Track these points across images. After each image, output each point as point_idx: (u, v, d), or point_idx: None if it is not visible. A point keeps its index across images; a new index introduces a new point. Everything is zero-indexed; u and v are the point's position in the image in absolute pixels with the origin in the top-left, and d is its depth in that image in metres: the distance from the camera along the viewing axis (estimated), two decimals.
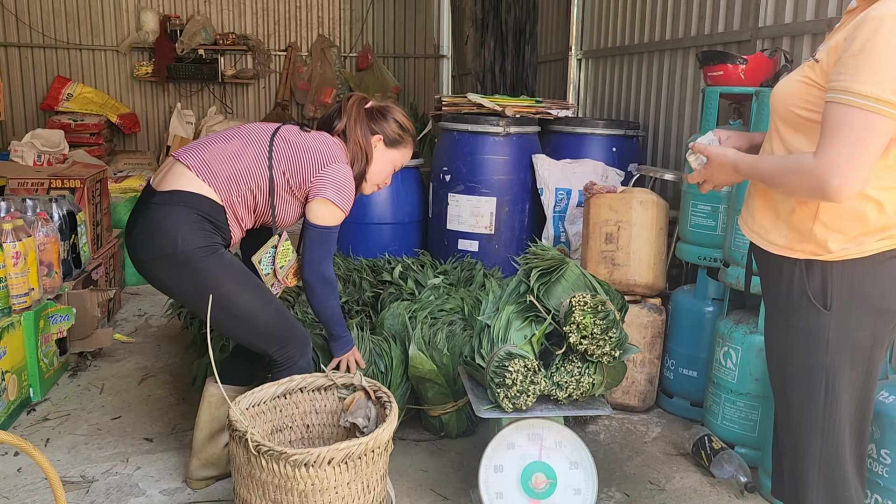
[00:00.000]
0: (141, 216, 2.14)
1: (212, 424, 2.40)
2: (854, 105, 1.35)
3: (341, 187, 2.21)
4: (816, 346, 1.57)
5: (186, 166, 2.13)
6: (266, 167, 2.18)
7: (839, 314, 1.53)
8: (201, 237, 2.08)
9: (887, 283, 1.53)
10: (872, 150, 1.36)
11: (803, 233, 1.55)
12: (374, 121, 2.37)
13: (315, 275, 2.24)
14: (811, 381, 1.59)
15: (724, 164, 1.64)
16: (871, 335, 1.55)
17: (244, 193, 2.16)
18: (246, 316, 2.15)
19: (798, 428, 1.64)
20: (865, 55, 1.34)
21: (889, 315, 1.55)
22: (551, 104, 4.10)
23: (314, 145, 2.24)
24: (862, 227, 1.50)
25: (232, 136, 2.25)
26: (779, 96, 1.61)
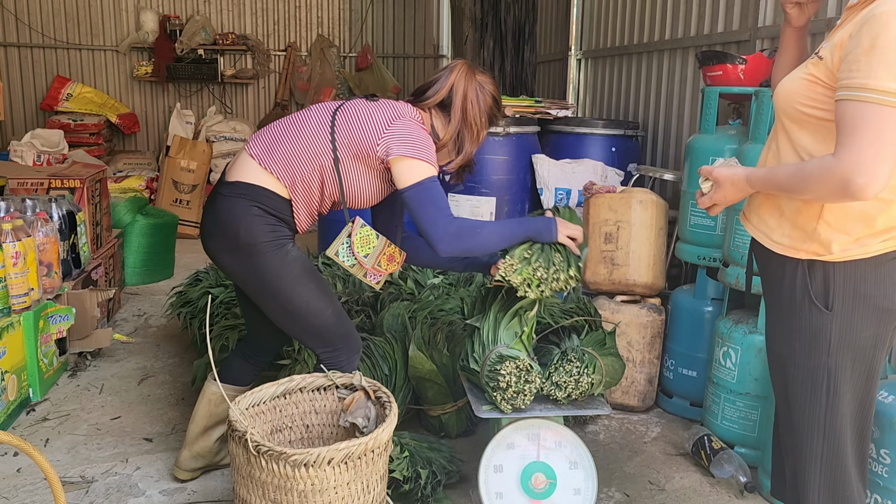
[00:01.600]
0: (210, 205, 2.13)
1: (207, 420, 2.41)
2: (872, 101, 1.33)
3: (411, 140, 1.99)
4: (818, 347, 1.57)
5: (250, 155, 2.09)
6: (329, 143, 2.05)
7: (841, 314, 1.53)
8: (264, 231, 2.04)
9: (889, 284, 1.53)
10: (893, 145, 1.34)
11: (807, 232, 1.55)
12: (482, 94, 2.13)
13: (442, 240, 1.94)
14: (813, 381, 1.59)
15: (735, 182, 1.62)
16: (873, 335, 1.55)
17: (310, 176, 2.06)
18: (302, 315, 2.12)
19: (799, 428, 1.64)
20: (878, 51, 1.34)
21: (891, 315, 1.55)
22: (551, 104, 4.10)
23: (379, 108, 2.09)
24: (867, 227, 1.50)
25: (295, 117, 2.15)
26: (783, 94, 1.60)
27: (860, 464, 1.64)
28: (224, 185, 2.11)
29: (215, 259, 2.16)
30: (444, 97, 2.12)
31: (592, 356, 2.19)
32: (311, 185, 2.09)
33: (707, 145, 2.94)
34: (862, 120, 1.35)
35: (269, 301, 2.13)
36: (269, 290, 2.09)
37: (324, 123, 2.09)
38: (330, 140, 2.06)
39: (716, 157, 2.86)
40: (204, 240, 2.16)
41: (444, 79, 2.13)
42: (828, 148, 1.47)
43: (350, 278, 3.35)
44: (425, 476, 2.27)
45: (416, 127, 2.05)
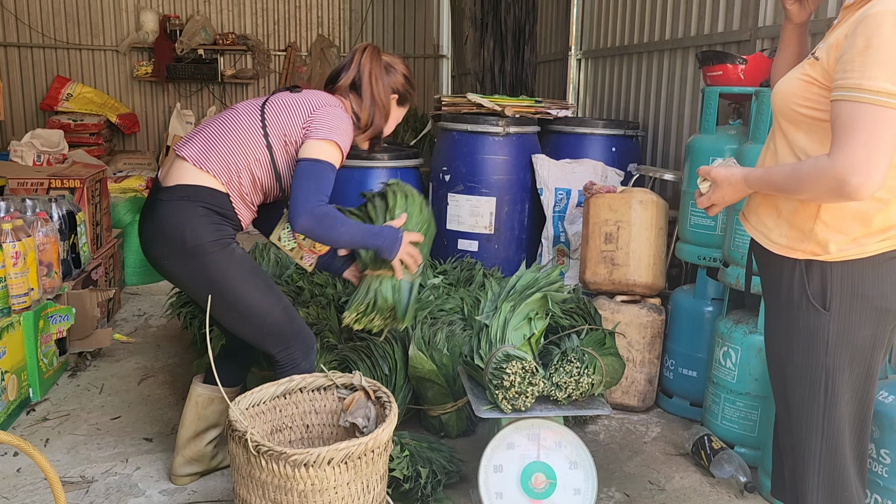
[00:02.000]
0: (150, 212, 2.15)
1: (197, 423, 2.40)
2: (866, 101, 1.34)
3: (331, 125, 2.10)
4: (816, 347, 1.57)
5: (184, 158, 2.12)
6: (261, 135, 2.13)
7: (839, 314, 1.53)
8: (210, 231, 2.07)
9: (888, 283, 1.52)
10: (888, 145, 1.34)
11: (804, 232, 1.55)
12: (389, 75, 2.29)
13: (305, 215, 2.01)
14: (811, 381, 1.59)
15: (733, 182, 1.63)
16: (871, 335, 1.55)
17: (244, 170, 2.13)
18: (253, 314, 2.14)
19: (798, 428, 1.64)
20: (872, 51, 1.34)
21: (889, 315, 1.55)
22: (551, 104, 4.10)
23: (303, 98, 2.18)
24: (864, 227, 1.50)
25: (223, 116, 2.22)
26: (780, 95, 1.60)
27: (859, 464, 1.64)
28: (162, 190, 2.12)
29: (160, 267, 2.17)
30: (353, 79, 2.25)
31: (592, 356, 2.19)
32: (245, 179, 2.14)
33: (707, 145, 2.94)
34: (857, 120, 1.35)
35: (218, 304, 2.12)
36: (217, 292, 2.10)
37: (254, 117, 2.16)
38: (262, 133, 2.13)
39: (716, 157, 2.86)
40: (146, 248, 2.17)
41: (351, 63, 2.26)
42: (824, 148, 1.47)
43: None
44: (425, 475, 2.27)
45: (339, 112, 2.16)
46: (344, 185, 4.04)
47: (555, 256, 3.90)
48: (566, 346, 2.24)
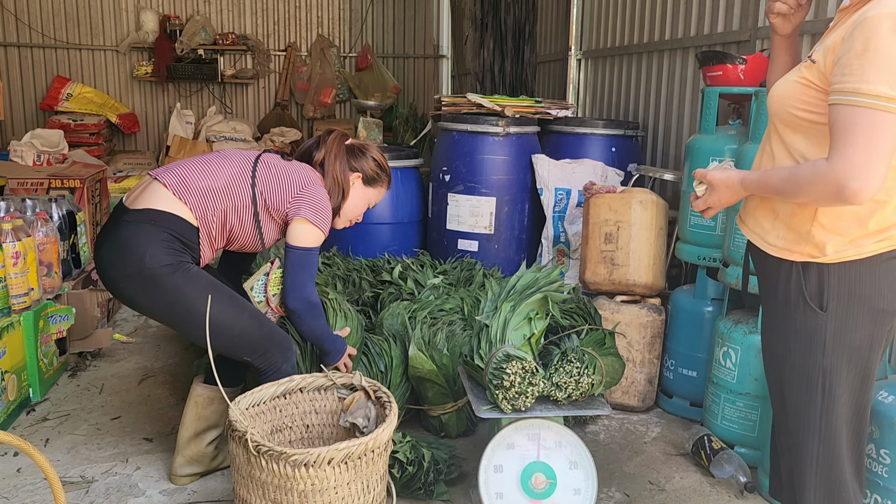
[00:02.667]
0: (110, 233, 2.14)
1: (197, 424, 2.40)
2: (864, 105, 1.33)
3: (318, 208, 2.24)
4: (813, 348, 1.56)
5: (163, 184, 2.14)
6: (249, 185, 2.21)
7: (836, 315, 1.53)
8: (168, 255, 2.09)
9: (885, 284, 1.52)
10: (886, 149, 1.34)
11: (801, 234, 1.55)
12: (354, 158, 2.41)
13: (300, 300, 2.25)
14: (808, 382, 1.59)
15: (730, 185, 1.62)
16: (868, 336, 1.55)
17: (219, 212, 2.18)
18: (219, 328, 2.12)
19: (795, 429, 1.64)
20: (870, 54, 1.33)
21: (886, 316, 1.55)
22: (551, 104, 4.11)
23: (294, 169, 2.29)
24: (861, 228, 1.50)
25: (212, 158, 2.29)
26: (776, 98, 1.60)
27: (857, 464, 1.64)
28: (129, 212, 2.13)
29: (115, 289, 2.17)
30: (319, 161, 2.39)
31: (592, 356, 2.19)
32: (218, 220, 2.19)
33: (707, 145, 2.94)
34: (855, 124, 1.34)
35: (183, 324, 2.15)
36: (178, 313, 2.12)
37: (245, 170, 2.24)
38: (250, 186, 2.22)
39: (716, 157, 2.86)
40: (102, 270, 2.17)
41: (319, 146, 2.40)
42: (822, 151, 1.47)
43: (349, 278, 3.35)
44: (428, 459, 2.27)
45: (324, 195, 2.29)
46: None
47: (555, 256, 3.90)
48: (566, 347, 2.24)
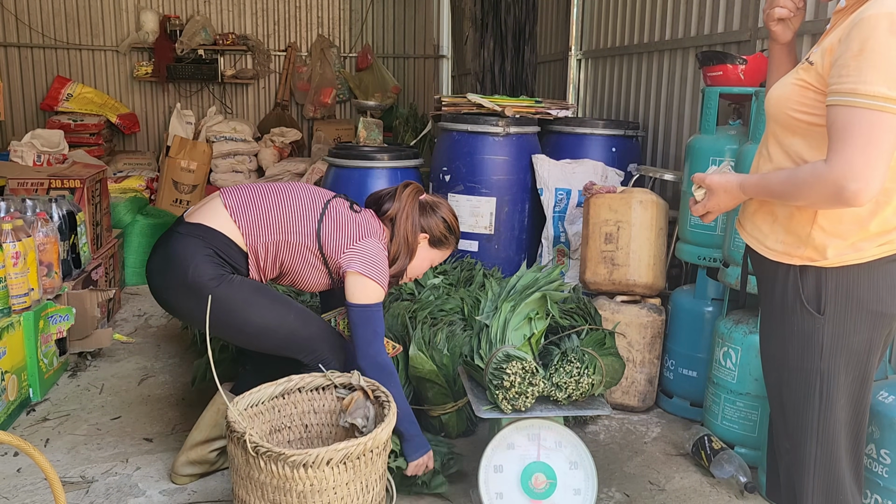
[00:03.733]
0: (162, 244, 2.17)
1: (211, 430, 2.41)
2: (862, 106, 1.33)
3: (371, 261, 2.17)
4: (811, 351, 1.56)
5: (223, 203, 2.15)
6: (314, 227, 2.18)
7: (833, 319, 1.53)
8: (212, 268, 2.10)
9: (883, 287, 1.51)
10: (886, 149, 1.33)
11: (801, 237, 1.54)
12: (425, 216, 2.34)
13: (366, 359, 2.15)
14: (806, 385, 1.59)
15: (729, 189, 1.61)
16: (867, 340, 1.54)
17: (272, 244, 2.16)
18: (264, 332, 2.15)
19: (793, 431, 1.64)
20: (867, 55, 1.33)
21: (885, 319, 1.54)
22: (551, 104, 4.10)
23: (358, 220, 2.24)
24: (862, 231, 1.49)
25: (285, 188, 2.26)
26: (774, 100, 1.59)
27: (855, 468, 1.64)
28: (183, 224, 2.15)
29: (161, 296, 2.19)
30: (391, 216, 2.32)
31: (592, 356, 2.19)
32: (270, 252, 2.17)
33: (707, 145, 2.94)
34: (853, 125, 1.34)
35: (228, 332, 2.17)
36: (223, 322, 2.12)
37: (314, 209, 2.21)
38: (315, 227, 2.18)
39: (716, 157, 2.86)
40: (151, 276, 2.19)
41: (393, 200, 2.33)
42: (820, 153, 1.46)
43: None
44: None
45: (381, 249, 2.21)
46: (344, 186, 4.04)
47: (555, 256, 3.90)
48: (566, 347, 2.24)
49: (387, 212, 2.31)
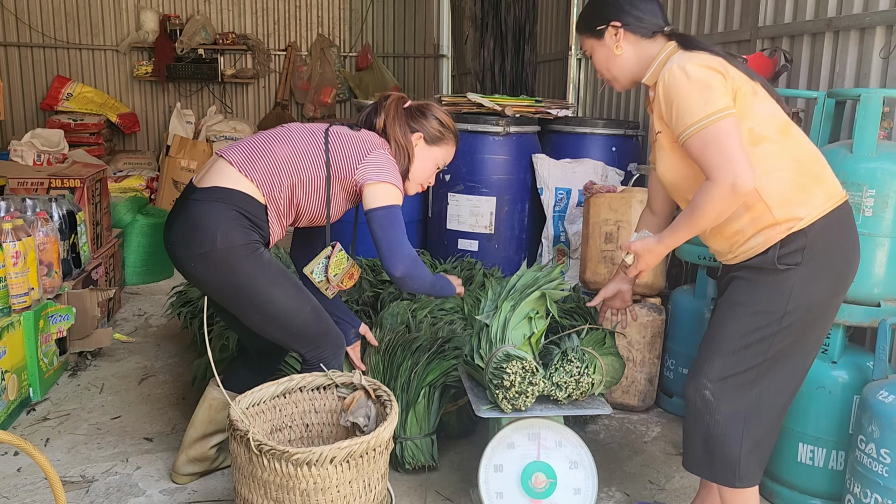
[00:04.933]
0: (181, 213, 2.13)
1: (206, 426, 2.40)
2: (702, 128, 1.67)
3: (384, 168, 2.17)
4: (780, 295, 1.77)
5: (229, 162, 2.11)
6: (322, 157, 2.17)
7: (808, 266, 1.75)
8: (241, 235, 2.07)
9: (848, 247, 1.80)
10: (737, 144, 1.65)
11: (770, 223, 1.74)
12: (414, 119, 2.34)
13: (404, 261, 2.13)
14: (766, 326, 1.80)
15: (650, 249, 1.89)
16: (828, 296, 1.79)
17: (286, 187, 2.14)
18: (282, 316, 2.14)
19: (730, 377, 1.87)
20: (682, 97, 1.71)
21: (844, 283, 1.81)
22: (551, 104, 4.11)
23: (361, 138, 2.24)
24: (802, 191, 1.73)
25: (278, 132, 2.24)
26: (670, 176, 1.88)
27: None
28: (197, 191, 2.11)
29: (185, 268, 2.15)
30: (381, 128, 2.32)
31: (592, 356, 2.19)
32: (285, 196, 2.15)
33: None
34: (705, 144, 1.68)
35: (246, 308, 2.14)
36: (245, 296, 2.10)
37: (317, 142, 2.19)
38: (324, 159, 2.17)
39: None
40: (173, 249, 2.15)
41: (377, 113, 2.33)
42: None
43: None
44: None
45: (389, 157, 2.23)
46: None
47: (555, 256, 3.90)
48: (566, 346, 2.24)
49: (376, 125, 2.32)
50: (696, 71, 1.71)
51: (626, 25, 1.87)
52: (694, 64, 1.72)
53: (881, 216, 2.14)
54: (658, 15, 1.88)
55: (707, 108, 1.66)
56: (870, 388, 2.08)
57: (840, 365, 2.26)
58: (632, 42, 1.88)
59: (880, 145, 2.19)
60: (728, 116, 1.67)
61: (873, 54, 2.66)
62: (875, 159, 2.16)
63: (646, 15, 1.87)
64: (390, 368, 2.52)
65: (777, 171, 1.74)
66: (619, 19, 1.87)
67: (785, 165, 1.74)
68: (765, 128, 1.75)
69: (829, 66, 2.92)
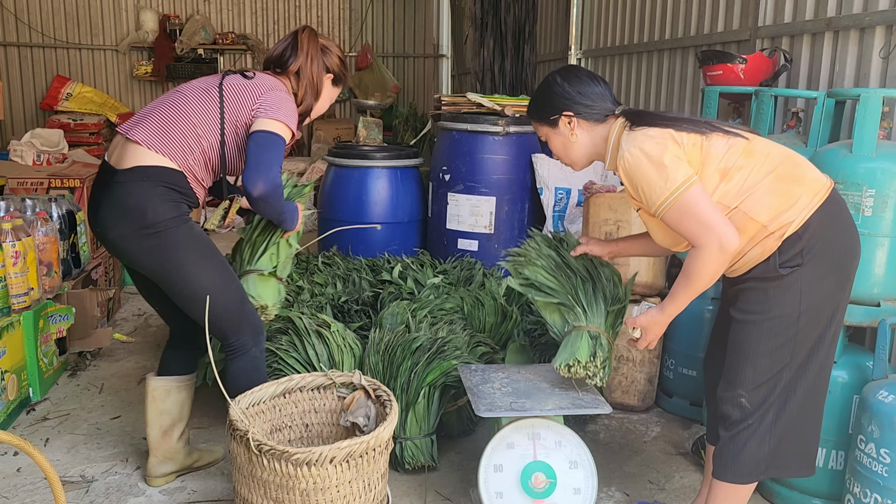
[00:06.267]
0: (106, 195, 2.13)
1: (161, 419, 2.38)
2: (671, 204, 1.74)
3: (276, 106, 2.17)
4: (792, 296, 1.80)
5: (136, 143, 2.11)
6: (218, 119, 2.17)
7: (811, 264, 1.77)
8: (170, 208, 2.09)
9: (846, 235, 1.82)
10: (710, 208, 1.72)
11: (764, 235, 1.77)
12: (325, 56, 2.38)
13: (267, 182, 2.08)
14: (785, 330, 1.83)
15: (655, 320, 1.92)
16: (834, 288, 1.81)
17: (197, 152, 2.15)
18: (206, 292, 2.12)
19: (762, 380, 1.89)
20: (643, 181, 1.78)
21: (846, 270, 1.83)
22: None
23: (255, 82, 2.24)
24: (786, 198, 1.76)
25: (176, 99, 2.22)
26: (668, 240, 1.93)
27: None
28: (118, 173, 2.11)
29: (118, 248, 2.16)
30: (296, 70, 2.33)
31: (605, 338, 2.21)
32: (199, 160, 2.17)
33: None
34: (680, 215, 1.74)
35: (174, 282, 2.14)
36: (174, 269, 2.11)
37: (212, 101, 2.19)
38: (220, 118, 2.18)
39: None
40: (103, 231, 2.15)
41: (295, 46, 2.33)
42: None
43: (349, 277, 3.35)
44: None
45: (285, 95, 2.23)
46: (344, 185, 4.05)
47: None
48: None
49: (290, 65, 2.32)
50: (650, 149, 1.78)
51: (579, 114, 1.95)
52: (646, 144, 1.79)
53: (881, 216, 2.14)
54: (607, 99, 1.96)
55: (670, 185, 1.73)
56: (870, 388, 2.08)
57: (840, 365, 2.26)
58: (585, 128, 1.97)
59: (880, 145, 2.19)
60: (692, 186, 1.73)
61: (873, 54, 2.66)
62: (875, 159, 2.16)
63: (596, 102, 1.95)
64: (390, 368, 2.52)
65: (756, 188, 1.78)
66: (570, 109, 1.96)
67: (761, 180, 1.78)
68: (728, 160, 1.80)
69: (828, 65, 2.92)
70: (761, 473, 1.89)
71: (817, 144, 2.51)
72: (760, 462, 1.87)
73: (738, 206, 1.79)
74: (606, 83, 2.01)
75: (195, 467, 2.51)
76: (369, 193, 4.00)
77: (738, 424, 1.88)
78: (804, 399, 1.86)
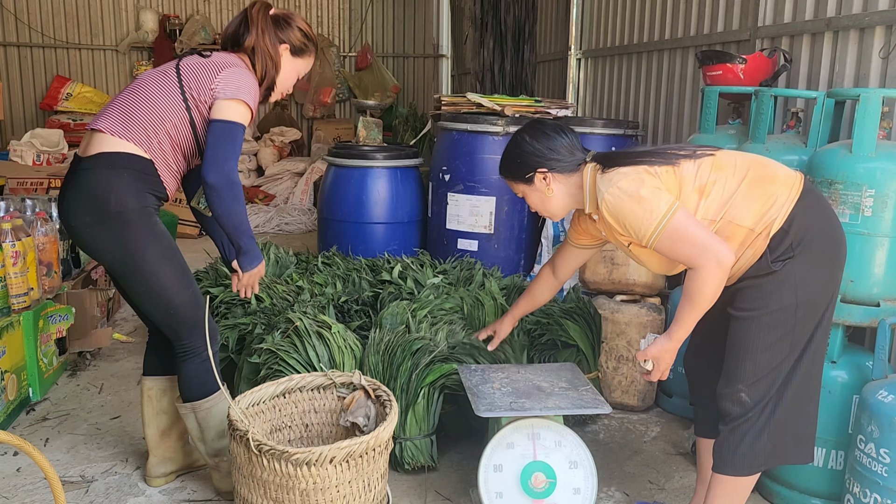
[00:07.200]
0: (71, 183, 2.12)
1: (158, 419, 2.38)
2: (660, 233, 1.78)
3: (235, 84, 2.15)
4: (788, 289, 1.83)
5: (101, 131, 2.11)
6: (181, 98, 2.15)
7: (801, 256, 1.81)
8: (134, 198, 2.07)
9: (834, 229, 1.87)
10: (699, 228, 1.77)
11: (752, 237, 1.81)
12: (280, 29, 2.34)
13: (220, 175, 2.06)
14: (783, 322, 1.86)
15: (666, 349, 1.92)
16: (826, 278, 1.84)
17: (163, 136, 2.14)
18: (163, 292, 2.12)
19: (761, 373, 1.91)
20: (628, 219, 1.82)
21: (836, 262, 1.86)
22: (550, 104, 4.11)
23: (212, 60, 2.22)
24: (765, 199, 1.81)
25: (134, 87, 2.22)
26: (665, 266, 1.95)
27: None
28: (83, 160, 2.11)
29: (80, 236, 2.14)
30: (251, 46, 2.29)
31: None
32: (166, 144, 2.15)
33: (707, 145, 2.93)
34: (673, 242, 1.79)
35: (132, 277, 2.13)
36: (134, 263, 2.09)
37: (171, 82, 2.17)
38: (181, 96, 2.15)
39: None
40: (67, 219, 2.14)
41: (248, 23, 2.29)
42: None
43: (349, 277, 3.35)
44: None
45: (244, 72, 2.20)
46: (344, 185, 4.05)
47: None
48: None
49: (245, 41, 2.28)
50: (627, 186, 1.83)
51: (552, 169, 2.00)
52: (622, 182, 1.84)
53: (880, 216, 2.14)
54: (577, 148, 2.01)
55: (656, 215, 1.78)
56: (869, 388, 2.08)
57: (839, 365, 2.26)
58: (560, 181, 2.01)
59: (879, 145, 2.19)
60: (676, 211, 1.77)
61: (873, 54, 2.66)
62: (874, 159, 2.16)
63: (566, 154, 1.99)
64: (390, 369, 2.52)
65: (734, 197, 1.83)
66: (544, 166, 2.00)
67: (736, 188, 1.84)
68: (701, 178, 1.85)
69: (828, 65, 2.92)
70: (761, 465, 1.90)
71: (817, 144, 2.51)
72: (760, 453, 1.88)
73: (722, 216, 1.83)
74: (573, 132, 2.04)
75: (195, 467, 2.51)
76: (369, 193, 4.01)
77: (738, 419, 1.89)
78: (800, 387, 1.88)
